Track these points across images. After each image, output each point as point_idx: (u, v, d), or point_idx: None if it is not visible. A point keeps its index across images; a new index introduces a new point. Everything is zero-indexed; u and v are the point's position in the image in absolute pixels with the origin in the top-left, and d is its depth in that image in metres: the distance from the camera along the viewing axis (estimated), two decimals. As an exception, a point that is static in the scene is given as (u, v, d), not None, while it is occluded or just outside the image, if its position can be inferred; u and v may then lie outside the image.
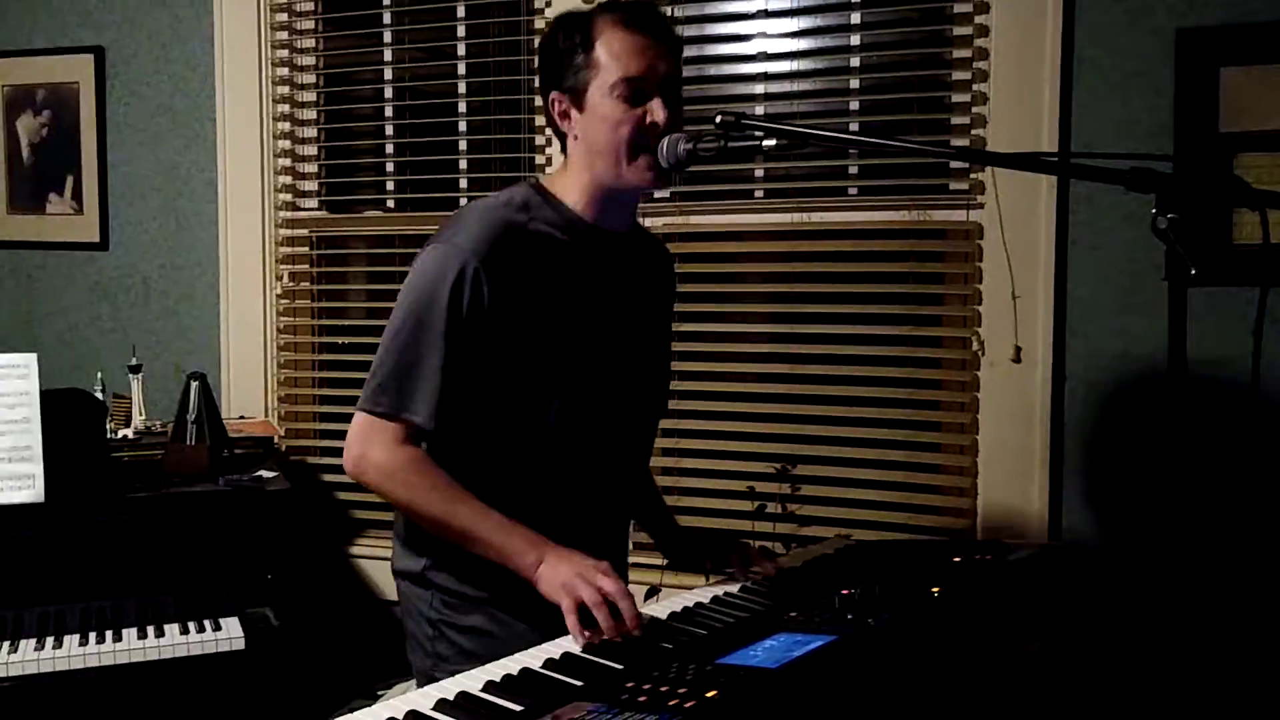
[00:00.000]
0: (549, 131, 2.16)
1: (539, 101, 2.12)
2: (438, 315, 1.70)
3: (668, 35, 1.78)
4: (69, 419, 2.44)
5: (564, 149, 1.85)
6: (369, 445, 1.74)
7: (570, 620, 1.55)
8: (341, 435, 1.80)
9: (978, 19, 2.57)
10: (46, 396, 2.41)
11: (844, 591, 1.61)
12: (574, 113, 1.77)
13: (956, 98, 2.62)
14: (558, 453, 1.80)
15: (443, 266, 1.71)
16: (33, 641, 2.31)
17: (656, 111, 1.73)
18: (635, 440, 1.96)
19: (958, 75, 2.62)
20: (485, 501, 1.73)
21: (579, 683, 1.39)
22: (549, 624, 1.62)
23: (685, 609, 1.72)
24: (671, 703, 1.27)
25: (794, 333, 2.82)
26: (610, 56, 1.72)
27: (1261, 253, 1.30)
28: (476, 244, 1.72)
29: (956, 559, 1.85)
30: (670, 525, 2.12)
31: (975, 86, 2.58)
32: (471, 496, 1.72)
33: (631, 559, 2.87)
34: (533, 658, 1.49)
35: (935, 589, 1.66)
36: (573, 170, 1.82)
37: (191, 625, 2.41)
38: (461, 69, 3.10)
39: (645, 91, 1.73)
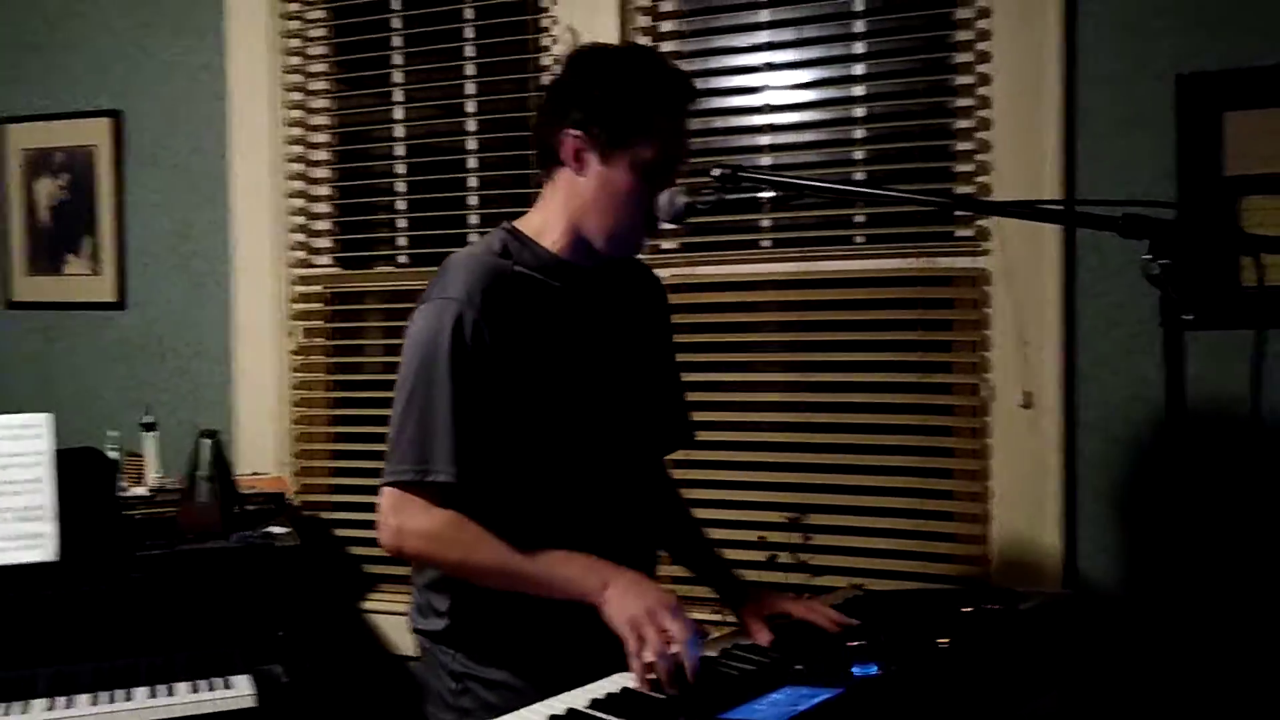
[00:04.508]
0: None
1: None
2: (442, 369, 1.70)
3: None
4: (81, 478, 2.46)
5: (543, 178, 1.82)
6: (404, 516, 1.74)
7: (633, 663, 1.59)
8: (355, 489, 1.82)
9: (980, 68, 2.59)
10: (60, 456, 2.43)
11: (851, 644, 1.60)
12: (592, 159, 1.75)
13: (960, 145, 2.63)
14: (564, 491, 1.80)
15: (440, 320, 1.72)
16: (44, 701, 2.31)
17: (663, 201, 1.75)
18: (643, 471, 1.95)
19: (961, 123, 2.63)
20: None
21: (581, 740, 1.38)
22: (575, 677, 1.61)
23: (692, 662, 1.70)
24: (672, 759, 1.26)
25: (803, 381, 2.82)
26: (659, 132, 1.72)
27: (1257, 295, 1.29)
28: (469, 293, 1.72)
29: (966, 609, 1.84)
30: (713, 561, 2.07)
31: (978, 134, 2.59)
32: (506, 543, 1.72)
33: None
34: (537, 714, 1.48)
35: (943, 640, 1.65)
36: (555, 208, 1.81)
37: (202, 684, 2.40)
38: (471, 125, 3.14)
39: (667, 178, 1.74)
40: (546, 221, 1.82)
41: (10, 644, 2.33)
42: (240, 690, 2.38)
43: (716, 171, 1.66)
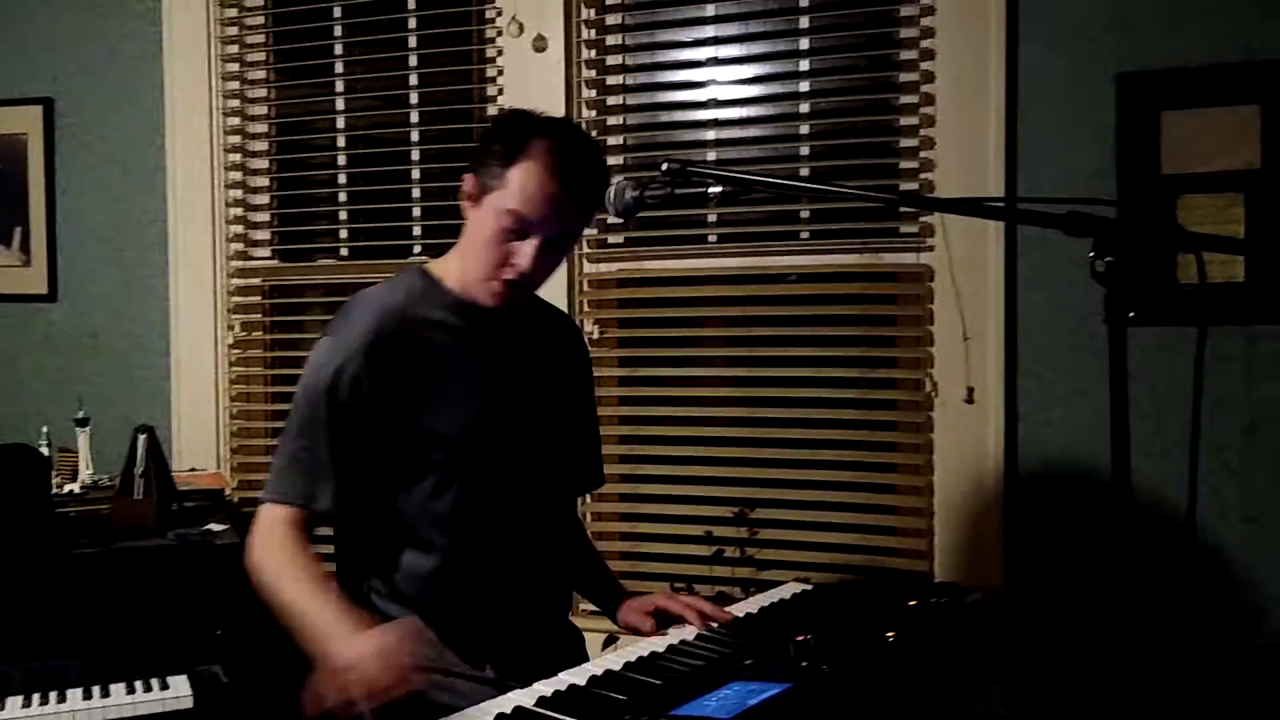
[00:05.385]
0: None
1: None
2: (322, 410, 1.74)
3: (585, 194, 1.75)
4: (12, 475, 2.39)
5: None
6: (258, 533, 1.75)
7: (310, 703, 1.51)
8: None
9: (924, 65, 2.61)
10: (-12, 452, 2.36)
11: (799, 638, 1.60)
12: (472, 205, 1.77)
13: (904, 142, 2.65)
14: (466, 536, 1.80)
15: (328, 360, 1.76)
16: (-27, 704, 2.24)
17: (521, 259, 1.73)
18: (547, 517, 1.94)
19: (905, 120, 2.65)
20: (404, 588, 1.78)
21: (530, 738, 1.36)
22: (508, 670, 1.60)
23: (640, 659, 1.69)
24: (622, 757, 1.25)
25: (749, 376, 2.83)
26: (519, 185, 1.71)
27: (1198, 292, 1.31)
28: (360, 338, 1.75)
29: (912, 602, 1.85)
30: (611, 589, 2.09)
31: (922, 131, 2.61)
32: (325, 582, 1.71)
33: (586, 604, 2.86)
34: (485, 713, 1.47)
35: (890, 634, 1.65)
36: (457, 256, 1.83)
37: (138, 684, 2.35)
38: (414, 117, 3.10)
39: (526, 234, 1.73)
40: (453, 265, 1.83)
41: (-62, 646, 2.26)
42: (178, 691, 2.33)
43: (665, 166, 1.65)
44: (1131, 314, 1.26)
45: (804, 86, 2.78)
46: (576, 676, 1.59)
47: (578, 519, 2.20)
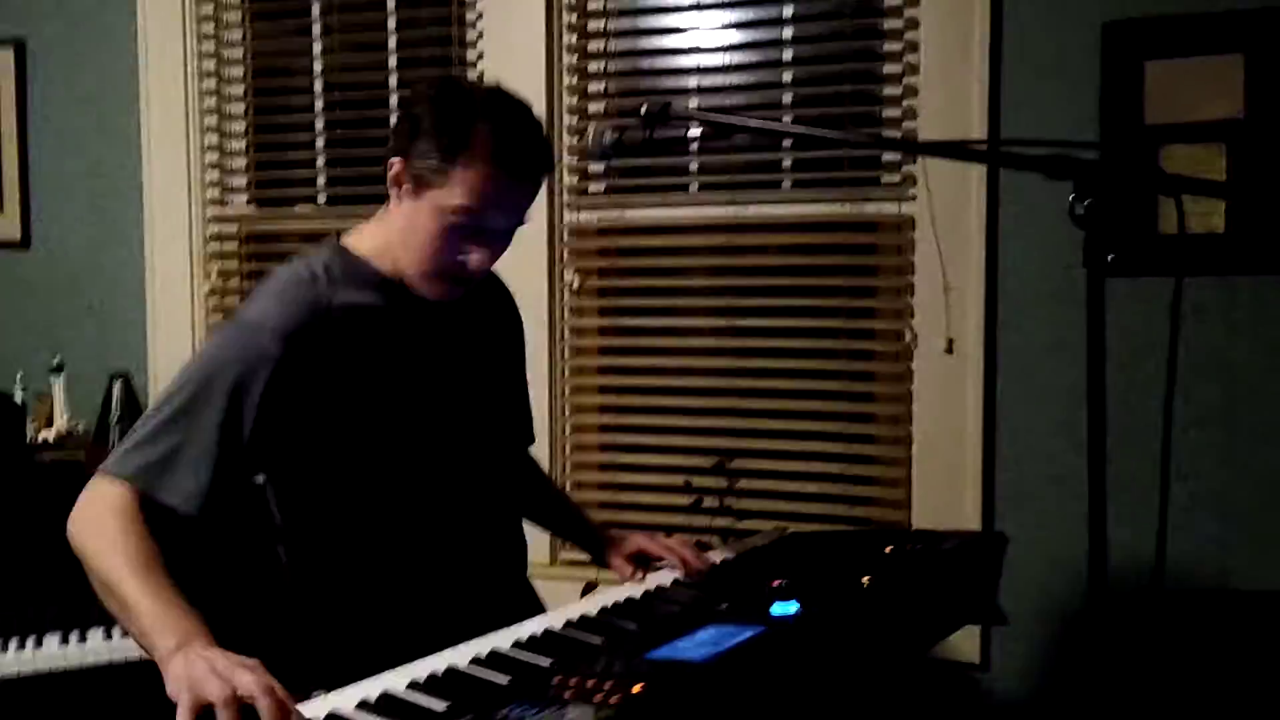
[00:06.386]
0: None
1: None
2: (218, 403, 1.58)
3: (535, 174, 1.68)
4: (-15, 421, 2.38)
5: (385, 201, 1.73)
6: (95, 504, 1.54)
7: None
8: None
9: (908, 12, 2.58)
10: (-38, 398, 2.35)
11: (774, 583, 1.61)
12: (406, 194, 1.66)
13: (888, 91, 2.63)
14: (411, 515, 1.74)
15: (237, 353, 1.61)
16: (-52, 649, 2.24)
17: (474, 258, 1.66)
18: (490, 485, 1.87)
19: (889, 68, 2.63)
20: (362, 569, 1.71)
21: (504, 679, 1.36)
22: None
23: (617, 604, 1.71)
24: (597, 698, 1.25)
25: (730, 326, 2.82)
26: (467, 184, 1.60)
27: (1178, 241, 1.30)
28: (276, 334, 1.61)
29: (888, 549, 1.86)
30: (575, 520, 2.10)
31: (906, 80, 2.59)
32: (159, 570, 1.47)
33: (565, 554, 2.86)
34: (460, 655, 1.47)
35: (865, 579, 1.66)
36: (385, 235, 1.72)
37: (115, 631, 2.35)
38: (393, 61, 3.06)
39: (479, 230, 1.64)
40: (378, 241, 1.73)
41: (-88, 592, 2.26)
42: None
43: (644, 108, 1.63)
44: (1110, 256, 1.25)
45: (787, 34, 2.75)
46: (553, 621, 1.60)
47: (539, 474, 2.14)
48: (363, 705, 1.30)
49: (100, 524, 1.52)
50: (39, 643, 2.30)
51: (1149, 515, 1.43)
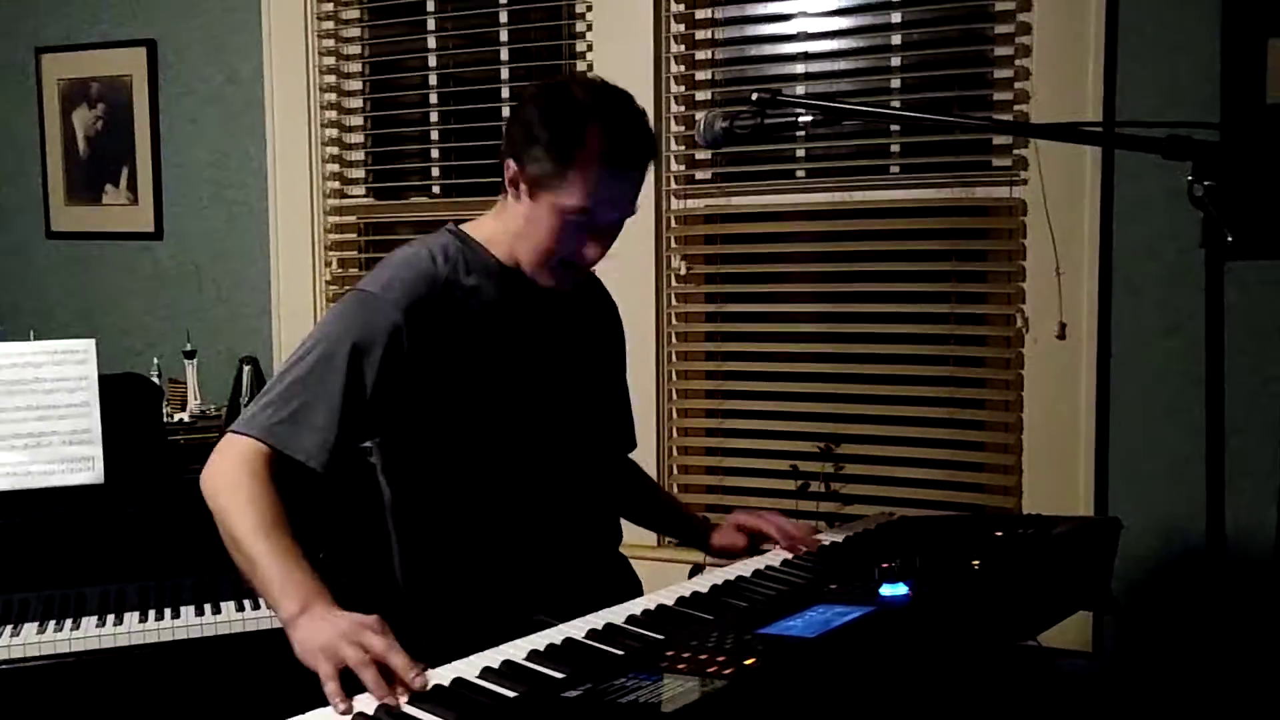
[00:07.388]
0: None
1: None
2: (341, 367, 1.65)
3: (644, 164, 1.74)
4: (127, 403, 2.50)
5: (502, 192, 1.79)
6: (229, 458, 1.64)
7: (329, 688, 1.34)
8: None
9: (1020, -7, 2.55)
10: (104, 381, 2.47)
11: (884, 564, 1.62)
12: (523, 192, 1.73)
13: (999, 73, 2.60)
14: (511, 491, 1.80)
15: (361, 319, 1.68)
16: (94, 619, 2.37)
17: (590, 253, 1.73)
18: (587, 485, 1.92)
19: (1000, 50, 2.60)
20: (463, 545, 1.78)
21: (620, 651, 1.41)
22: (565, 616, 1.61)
23: (727, 582, 1.73)
24: (710, 670, 1.29)
25: (837, 312, 2.82)
26: (583, 184, 1.66)
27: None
28: (399, 300, 1.68)
29: (999, 533, 1.85)
30: (682, 517, 2.15)
31: (1018, 61, 2.56)
32: (285, 531, 1.59)
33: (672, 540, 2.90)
34: (575, 629, 1.52)
35: (975, 562, 1.67)
36: (503, 226, 1.79)
37: (247, 602, 2.46)
38: (504, 54, 3.13)
39: (594, 225, 1.71)
40: (496, 231, 1.80)
41: (59, 563, 2.39)
42: (283, 610, 2.43)
43: (755, 95, 1.65)
44: (1230, 238, 1.24)
45: (896, 17, 2.74)
46: (665, 597, 1.64)
47: (641, 476, 2.17)
48: (486, 672, 1.36)
49: (234, 481, 1.62)
50: (176, 613, 2.42)
51: (1266, 501, 1.41)
